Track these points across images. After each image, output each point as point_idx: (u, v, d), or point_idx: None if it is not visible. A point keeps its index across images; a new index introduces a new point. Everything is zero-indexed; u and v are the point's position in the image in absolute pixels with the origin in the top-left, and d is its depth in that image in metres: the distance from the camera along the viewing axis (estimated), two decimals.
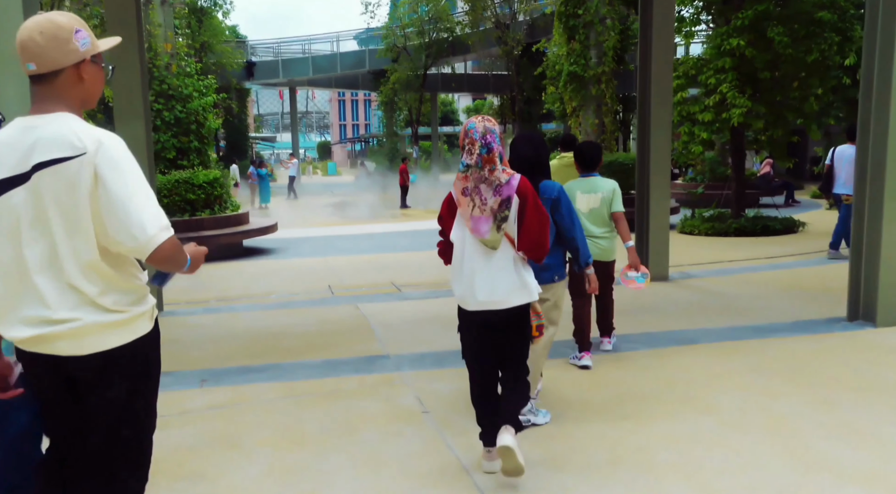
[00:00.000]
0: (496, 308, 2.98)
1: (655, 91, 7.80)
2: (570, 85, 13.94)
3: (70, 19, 1.85)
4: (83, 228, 1.79)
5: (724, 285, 7.61)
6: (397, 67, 32.60)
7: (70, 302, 1.83)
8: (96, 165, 1.77)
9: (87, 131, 1.80)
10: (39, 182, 1.77)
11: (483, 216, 2.91)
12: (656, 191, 7.94)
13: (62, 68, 1.84)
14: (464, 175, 2.97)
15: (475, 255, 2.98)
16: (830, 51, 11.18)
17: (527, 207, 2.92)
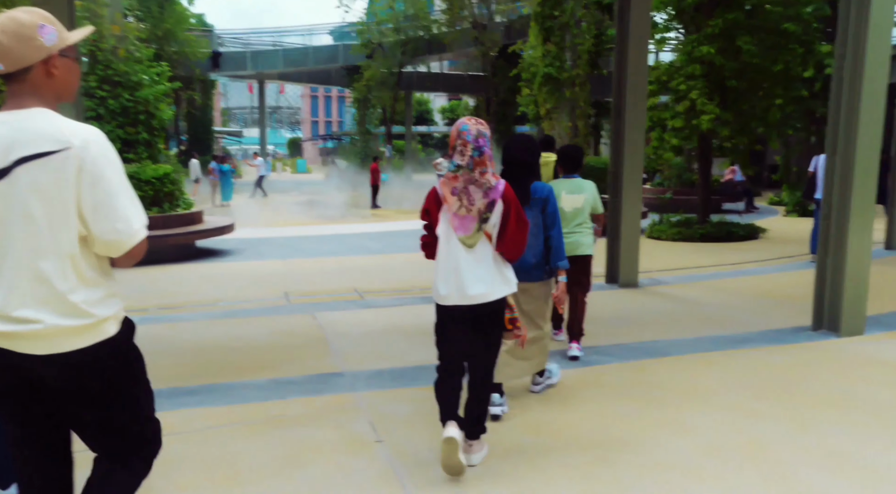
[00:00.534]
0: (481, 302, 3.09)
1: (630, 96, 7.67)
2: (545, 87, 13.81)
3: (33, 16, 1.85)
4: (66, 221, 1.81)
5: (694, 292, 7.50)
6: (372, 64, 32.22)
7: (39, 299, 1.82)
8: (82, 161, 1.79)
9: (70, 126, 1.83)
10: (22, 176, 1.78)
11: (469, 216, 3.06)
12: (629, 196, 7.80)
13: (30, 65, 1.85)
14: (454, 175, 3.09)
15: (461, 251, 3.10)
16: (795, 62, 11.22)
17: (510, 213, 3.09)
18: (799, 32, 10.88)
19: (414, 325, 6.01)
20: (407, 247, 12.07)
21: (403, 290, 7.80)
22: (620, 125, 7.82)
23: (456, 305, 3.11)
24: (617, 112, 7.89)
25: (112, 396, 1.97)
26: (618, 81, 7.82)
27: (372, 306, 6.94)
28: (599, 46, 16.01)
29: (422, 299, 7.21)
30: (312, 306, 6.99)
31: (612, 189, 8.03)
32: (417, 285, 8.03)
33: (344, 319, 6.36)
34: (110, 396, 1.96)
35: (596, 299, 7.07)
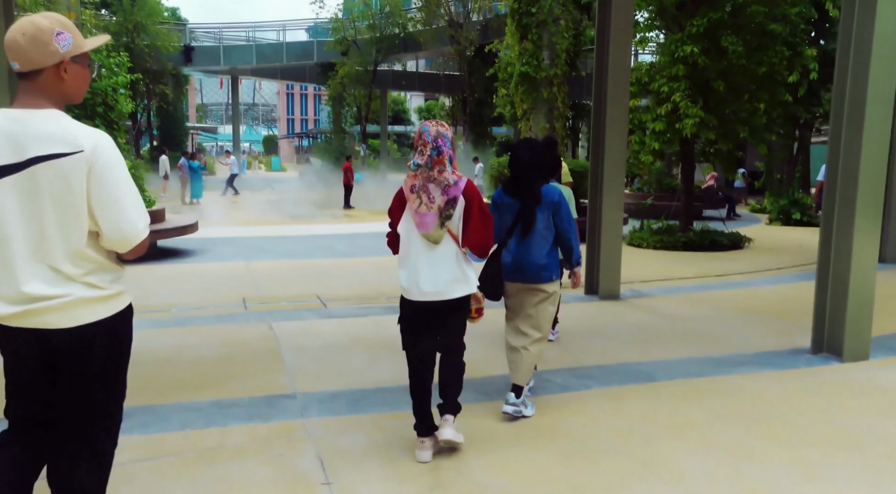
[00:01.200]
0: (438, 299, 3.19)
1: (612, 97, 7.24)
2: (522, 86, 13.36)
3: (52, 22, 1.98)
4: (76, 218, 1.96)
5: (678, 305, 7.09)
6: (346, 61, 31.59)
7: (55, 281, 1.99)
8: (92, 164, 1.94)
9: (82, 130, 1.96)
10: (35, 174, 1.92)
11: (429, 213, 3.13)
12: (610, 202, 7.37)
13: (43, 68, 1.97)
14: (414, 174, 3.20)
15: (420, 248, 3.21)
16: (781, 65, 10.90)
17: (472, 208, 3.17)
18: (786, 34, 10.58)
19: (377, 338, 5.50)
20: (377, 250, 11.54)
21: (369, 298, 7.28)
22: (601, 127, 7.39)
23: (416, 300, 3.23)
24: (597, 113, 7.46)
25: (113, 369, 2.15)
26: (598, 81, 7.39)
27: (334, 316, 6.41)
28: (577, 46, 15.65)
29: (388, 309, 6.70)
30: (270, 314, 6.43)
31: (591, 194, 7.60)
32: (384, 292, 7.52)
33: (302, 329, 5.82)
34: (111, 368, 2.14)
35: (575, 311, 6.62)
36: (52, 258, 1.98)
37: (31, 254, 1.97)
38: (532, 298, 3.84)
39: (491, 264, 3.76)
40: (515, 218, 3.80)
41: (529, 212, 3.75)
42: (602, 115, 7.37)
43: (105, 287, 2.07)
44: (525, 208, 3.76)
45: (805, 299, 7.38)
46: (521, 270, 3.79)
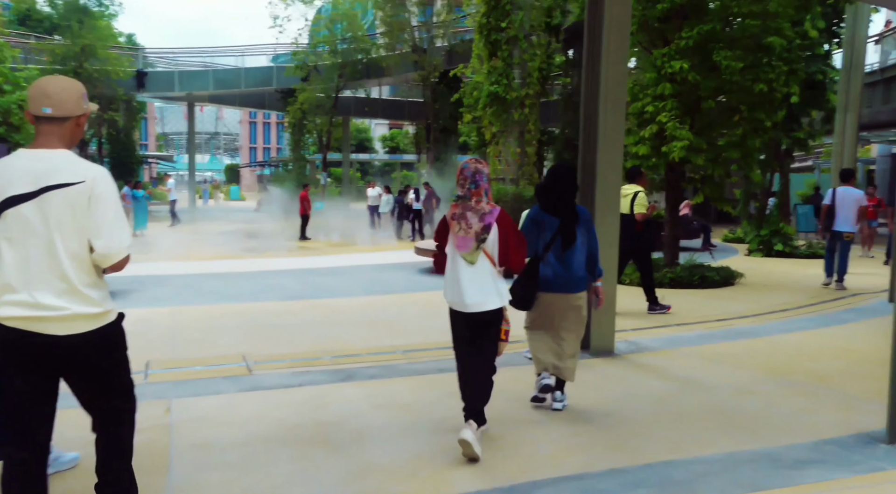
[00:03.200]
0: (475, 311, 3.76)
1: (605, 118, 6.06)
2: (491, 108, 12.17)
3: (81, 85, 2.56)
4: (79, 235, 2.41)
5: (691, 365, 5.83)
6: (307, 87, 30.29)
7: (61, 291, 2.39)
8: (92, 192, 2.39)
9: (85, 165, 2.45)
10: (46, 199, 2.35)
11: (467, 237, 3.72)
12: (603, 237, 6.10)
13: (70, 116, 2.48)
14: (455, 204, 3.85)
15: (462, 267, 3.76)
16: (779, 82, 9.90)
17: (509, 233, 3.77)
18: (784, 46, 9.60)
19: (314, 426, 4.11)
20: (330, 289, 10.14)
21: (310, 357, 5.87)
22: (591, 153, 6.19)
23: (458, 311, 3.82)
24: (587, 138, 6.26)
25: (112, 368, 2.59)
26: (588, 102, 6.22)
27: (260, 387, 4.98)
28: (547, 70, 14.63)
29: (333, 374, 5.31)
30: (176, 386, 4.98)
31: None
32: (330, 349, 6.14)
33: (211, 413, 4.37)
34: (111, 368, 2.58)
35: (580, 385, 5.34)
36: (64, 270, 2.39)
37: (46, 267, 2.38)
38: (573, 305, 4.41)
39: (528, 277, 4.23)
40: (555, 234, 4.29)
41: (571, 228, 4.29)
42: (592, 139, 6.18)
43: (99, 301, 2.48)
44: (567, 224, 4.29)
45: (834, 352, 6.21)
46: (565, 281, 4.33)
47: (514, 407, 4.62)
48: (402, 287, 10.57)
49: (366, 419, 4.35)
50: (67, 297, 2.39)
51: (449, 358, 5.94)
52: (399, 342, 6.61)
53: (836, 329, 7.38)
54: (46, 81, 2.45)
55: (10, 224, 2.36)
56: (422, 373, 5.53)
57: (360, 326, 7.39)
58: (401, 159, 58.51)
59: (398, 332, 7.11)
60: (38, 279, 2.37)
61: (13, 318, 2.35)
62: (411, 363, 5.84)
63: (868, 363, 5.92)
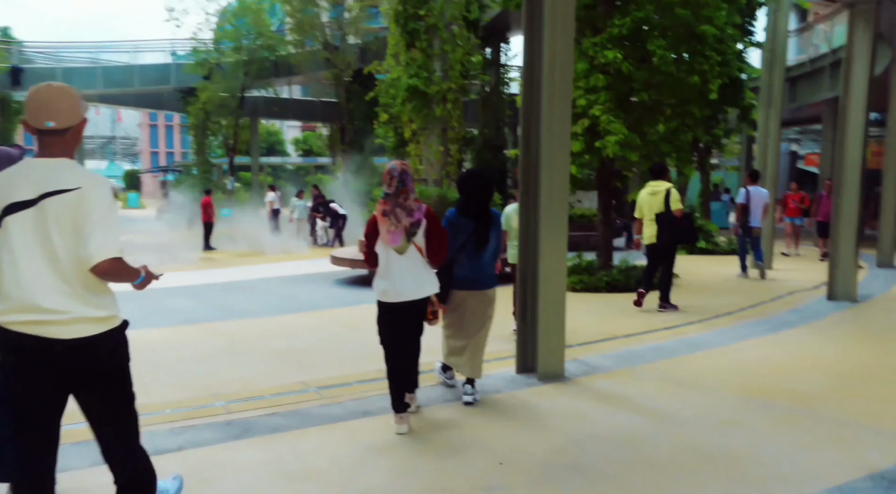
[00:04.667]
0: (412, 299, 4.15)
1: (549, 113, 5.20)
2: (410, 103, 11.18)
3: (75, 91, 2.51)
4: (77, 239, 2.40)
5: (653, 388, 5.05)
6: (209, 86, 28.32)
7: (63, 295, 2.40)
8: (88, 197, 2.40)
9: (83, 172, 2.46)
10: (45, 205, 2.38)
11: (397, 232, 4.07)
12: (549, 247, 5.26)
13: (72, 126, 2.48)
14: (383, 201, 4.14)
15: (394, 260, 4.12)
16: (712, 73, 9.42)
17: (433, 227, 4.17)
18: (717, 36, 9.13)
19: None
20: (232, 309, 8.85)
21: (196, 407, 4.71)
22: (533, 147, 5.35)
23: (392, 301, 4.16)
24: (526, 131, 5.40)
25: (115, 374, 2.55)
26: (528, 98, 5.36)
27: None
28: (468, 66, 13.82)
29: (222, 428, 4.19)
30: None
31: (522, 238, 5.49)
32: (223, 391, 5.00)
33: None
34: (113, 374, 2.54)
35: (510, 408, 4.43)
36: (66, 273, 2.40)
37: (49, 271, 2.39)
38: (485, 301, 4.72)
39: (443, 276, 4.43)
40: (469, 236, 4.56)
41: (485, 230, 4.59)
42: (534, 136, 5.32)
43: (102, 306, 2.47)
44: (481, 227, 4.58)
45: (803, 365, 5.54)
46: (477, 279, 4.64)
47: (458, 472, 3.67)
48: (317, 303, 9.44)
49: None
50: (70, 300, 2.42)
51: (376, 394, 4.95)
52: (312, 375, 5.53)
53: (791, 335, 6.85)
54: (46, 92, 2.45)
55: (11, 231, 2.42)
56: (340, 419, 4.49)
57: (265, 356, 6.26)
58: (315, 162, 56.68)
59: (311, 362, 6.02)
60: (40, 284, 2.41)
61: (17, 322, 2.40)
62: (327, 405, 4.79)
63: (843, 377, 5.34)
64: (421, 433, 4.21)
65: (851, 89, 8.23)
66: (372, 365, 5.70)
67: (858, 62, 8.16)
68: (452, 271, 4.54)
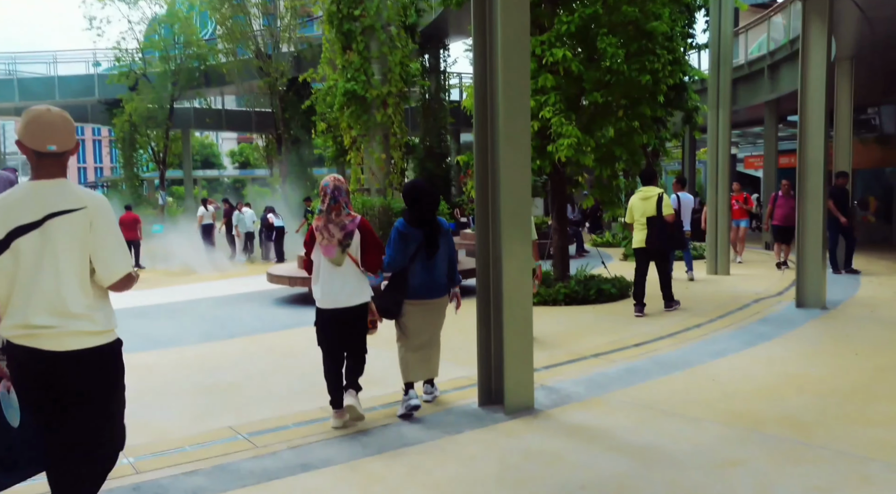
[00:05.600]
0: (345, 306, 4.37)
1: (506, 110, 4.58)
2: (349, 108, 10.42)
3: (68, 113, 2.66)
4: (81, 258, 2.56)
5: (634, 420, 4.46)
6: (135, 96, 26.84)
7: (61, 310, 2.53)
8: (93, 217, 2.56)
9: (85, 193, 2.61)
10: (50, 226, 2.52)
11: (331, 245, 4.31)
12: (512, 269, 4.63)
13: (69, 149, 2.61)
14: (318, 217, 4.41)
15: (330, 269, 4.37)
16: (664, 72, 9.03)
17: (367, 238, 4.42)
18: (666, 33, 8.74)
19: None
20: (153, 338, 7.79)
21: None
22: (489, 152, 4.72)
23: (327, 308, 4.40)
24: (481, 135, 4.77)
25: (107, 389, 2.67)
26: (480, 96, 4.74)
27: None
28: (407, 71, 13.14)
29: (121, 493, 3.38)
30: None
31: (480, 250, 4.84)
32: (131, 444, 4.15)
33: None
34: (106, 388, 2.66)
35: (479, 456, 3.73)
36: (66, 290, 2.53)
37: (50, 287, 2.52)
38: (438, 310, 4.81)
39: (395, 288, 4.61)
40: (419, 245, 4.61)
41: (434, 238, 4.65)
42: (489, 137, 4.70)
43: (99, 321, 2.61)
44: (430, 235, 4.64)
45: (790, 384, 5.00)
46: (429, 287, 4.67)
47: None
48: (251, 327, 8.57)
49: None
50: (69, 317, 2.53)
51: (317, 439, 4.23)
52: (243, 418, 4.73)
53: (768, 349, 6.40)
54: (48, 117, 2.55)
55: (18, 252, 2.52)
56: (275, 475, 3.74)
57: (186, 395, 5.41)
58: (252, 174, 55.00)
59: (242, 401, 5.21)
60: (44, 300, 2.51)
61: (26, 336, 2.53)
62: (259, 456, 4.01)
63: (835, 397, 4.87)
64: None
65: (809, 86, 7.93)
66: (312, 402, 4.95)
67: (814, 59, 7.87)
68: (405, 282, 4.61)
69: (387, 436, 4.29)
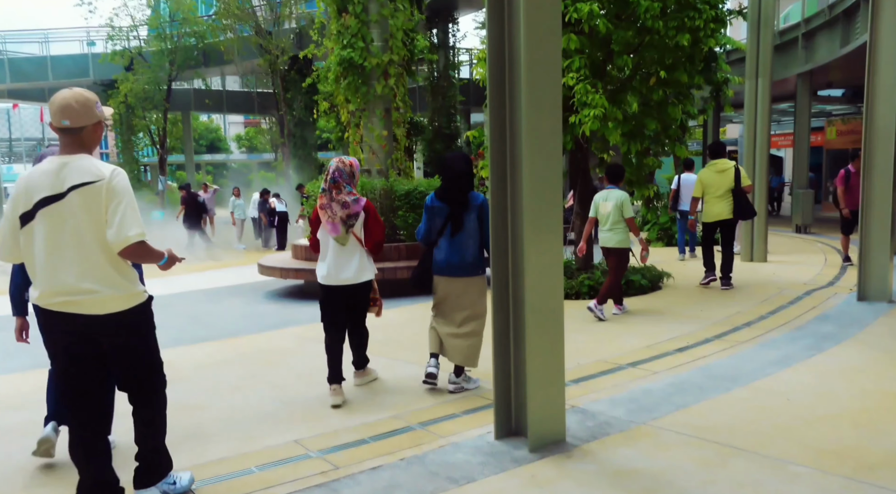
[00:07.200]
0: (348, 283, 4.50)
1: (530, 77, 3.48)
2: (345, 79, 9.30)
3: (92, 94, 2.91)
4: (102, 226, 2.76)
5: (695, 458, 3.41)
6: (131, 77, 25.76)
7: (94, 277, 2.76)
8: (108, 187, 2.74)
9: (103, 165, 2.82)
10: (73, 198, 2.74)
11: (335, 223, 4.41)
12: (538, 265, 3.57)
13: (86, 125, 2.85)
14: (321, 195, 4.50)
15: (335, 248, 4.49)
16: (706, 30, 7.87)
17: (369, 220, 4.53)
18: None
19: None
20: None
21: None
22: (508, 129, 3.64)
23: (330, 284, 4.53)
24: (498, 102, 3.67)
25: (140, 344, 2.96)
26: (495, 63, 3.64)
27: None
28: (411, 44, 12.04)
29: None
30: None
31: (495, 248, 3.77)
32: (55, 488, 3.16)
33: None
34: (139, 344, 2.96)
35: None
36: (94, 258, 2.75)
37: (79, 256, 2.75)
38: (468, 289, 4.61)
39: (421, 262, 4.70)
40: (445, 220, 4.59)
41: (459, 215, 4.55)
42: (508, 110, 3.61)
43: (128, 285, 2.84)
44: (455, 212, 4.55)
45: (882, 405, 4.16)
46: (456, 265, 4.58)
47: None
48: (232, 327, 7.57)
49: None
50: (99, 281, 2.75)
51: (290, 490, 3.23)
52: (199, 456, 3.72)
53: (840, 355, 5.31)
54: (63, 95, 2.83)
55: (43, 223, 2.74)
56: None
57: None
58: (259, 159, 54.03)
59: (202, 430, 4.19)
60: (72, 268, 2.73)
61: (54, 304, 2.74)
62: None
63: None
64: None
65: (879, 38, 6.74)
66: (286, 432, 3.93)
67: (886, 4, 6.68)
68: (430, 256, 4.65)
69: (375, 486, 3.26)
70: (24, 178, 2.83)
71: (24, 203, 2.78)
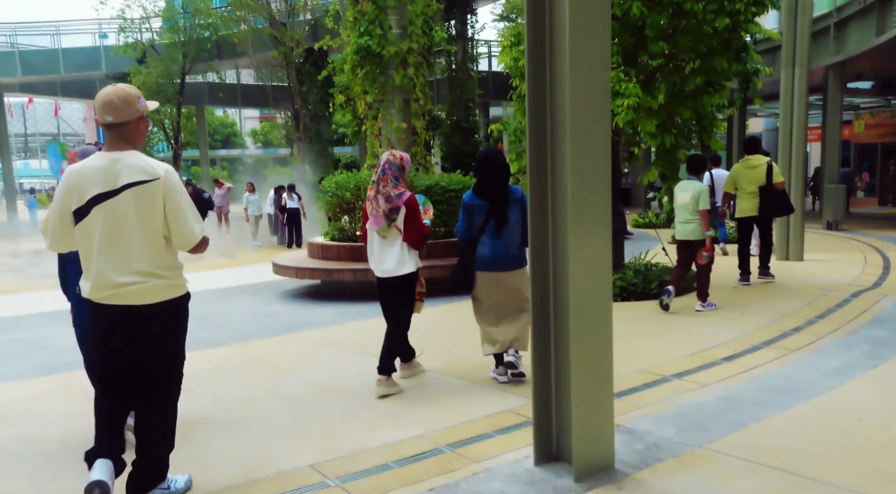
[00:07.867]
0: (389, 275, 4.58)
1: (577, 68, 3.05)
2: (362, 68, 8.89)
3: (134, 89, 2.98)
4: (155, 225, 2.87)
5: (765, 491, 2.98)
6: (143, 70, 25.51)
7: (143, 270, 2.87)
8: (165, 187, 2.86)
9: (157, 164, 2.91)
10: (126, 196, 2.82)
11: (378, 216, 4.47)
12: (583, 268, 3.16)
13: (129, 120, 2.91)
14: (371, 187, 4.56)
15: (378, 241, 4.58)
16: (746, 14, 7.40)
17: (409, 215, 4.51)
18: None
19: None
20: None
21: None
22: (548, 122, 3.22)
23: (378, 276, 4.65)
24: (536, 101, 3.30)
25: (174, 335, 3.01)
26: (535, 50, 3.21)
27: None
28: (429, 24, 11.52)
29: None
30: None
31: (534, 238, 3.35)
32: None
33: None
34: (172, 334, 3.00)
35: None
36: (142, 253, 2.86)
37: (128, 251, 2.85)
38: (512, 284, 4.62)
39: (464, 259, 4.65)
40: (487, 216, 4.58)
41: (502, 209, 4.55)
42: (548, 105, 3.20)
43: (172, 278, 2.95)
44: (497, 206, 4.55)
45: None
46: (500, 260, 4.59)
47: None
48: (240, 331, 7.20)
49: None
50: (147, 274, 2.86)
51: None
52: (213, 481, 3.33)
53: None
54: (105, 91, 2.90)
55: (98, 219, 2.83)
56: None
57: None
58: (275, 154, 53.79)
59: (214, 448, 3.81)
60: (124, 262, 2.84)
61: (107, 297, 2.84)
62: None
63: None
64: None
65: None
66: (302, 454, 3.53)
67: None
68: (472, 253, 4.63)
69: None
70: (73, 173, 2.87)
71: (76, 199, 2.84)
